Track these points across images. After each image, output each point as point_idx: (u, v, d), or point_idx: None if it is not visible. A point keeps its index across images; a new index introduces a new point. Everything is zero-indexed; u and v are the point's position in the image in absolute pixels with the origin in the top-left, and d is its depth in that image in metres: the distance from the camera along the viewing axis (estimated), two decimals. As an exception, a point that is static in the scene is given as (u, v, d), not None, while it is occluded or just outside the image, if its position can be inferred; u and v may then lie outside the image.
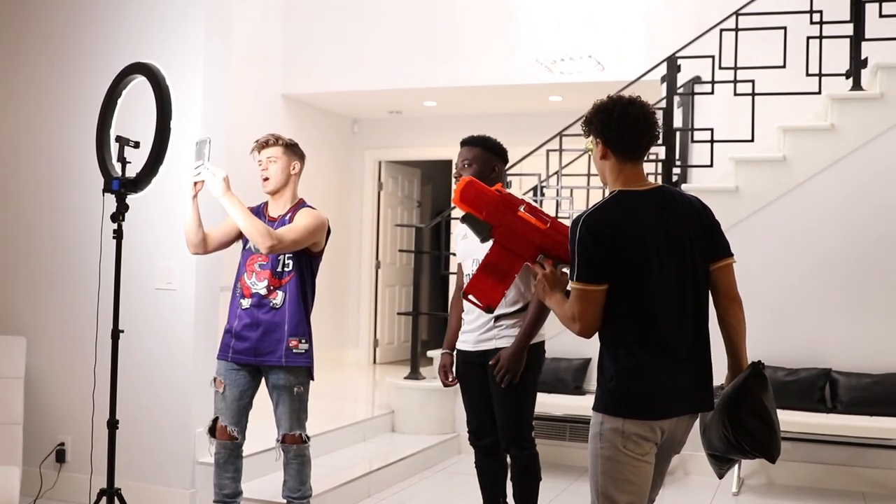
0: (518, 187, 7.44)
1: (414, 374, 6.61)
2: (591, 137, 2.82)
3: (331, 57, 8.36)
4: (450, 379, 3.94)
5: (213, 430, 4.00)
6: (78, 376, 4.66)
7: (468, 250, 3.79)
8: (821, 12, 5.87)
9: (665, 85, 6.31)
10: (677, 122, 6.48)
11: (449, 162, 9.65)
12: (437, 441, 6.12)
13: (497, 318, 3.71)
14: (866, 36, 5.82)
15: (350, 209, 9.79)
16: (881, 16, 5.78)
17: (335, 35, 8.34)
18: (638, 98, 2.78)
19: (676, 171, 6.31)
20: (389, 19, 8.19)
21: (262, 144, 4.00)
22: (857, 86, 5.82)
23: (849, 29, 5.86)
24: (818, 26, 5.87)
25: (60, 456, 4.82)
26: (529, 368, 3.73)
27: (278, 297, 3.89)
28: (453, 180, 3.77)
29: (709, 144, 6.10)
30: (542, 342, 3.83)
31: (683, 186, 6.18)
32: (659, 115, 6.25)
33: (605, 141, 2.77)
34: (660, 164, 6.31)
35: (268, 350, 3.89)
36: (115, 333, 3.75)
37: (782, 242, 5.79)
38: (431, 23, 8.04)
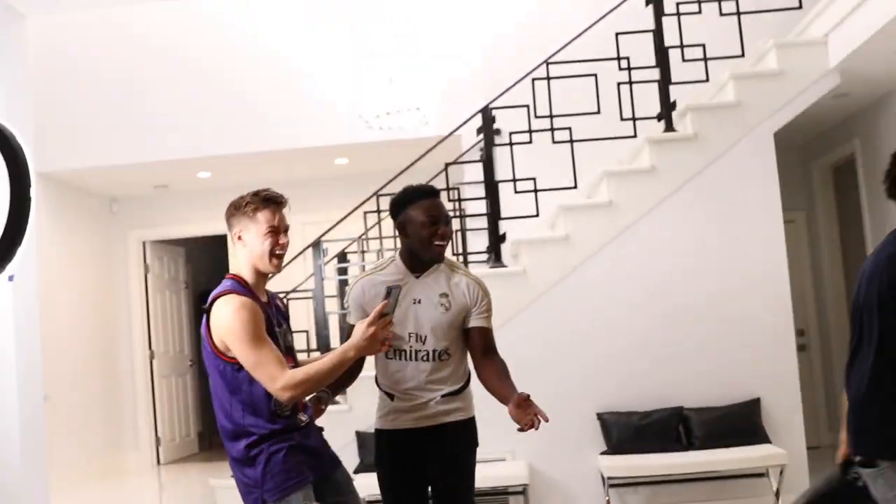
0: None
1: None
2: None
3: (89, 129, 7.55)
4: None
5: None
6: None
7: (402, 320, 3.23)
8: (628, 58, 5.99)
9: (483, 136, 6.18)
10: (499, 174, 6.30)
11: (219, 237, 8.94)
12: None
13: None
14: (672, 80, 6.00)
15: (115, 297, 8.81)
16: (684, 60, 5.99)
17: (94, 105, 7.55)
18: None
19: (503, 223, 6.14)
20: (160, 85, 7.53)
21: (282, 205, 2.96)
22: (669, 127, 5.96)
23: (655, 73, 6.01)
24: (626, 72, 5.98)
25: None
26: (474, 445, 3.35)
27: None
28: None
29: (533, 194, 6.01)
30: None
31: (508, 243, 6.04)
32: (479, 168, 6.18)
33: None
34: (486, 218, 6.14)
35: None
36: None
37: (616, 288, 5.75)
38: (208, 87, 7.49)
